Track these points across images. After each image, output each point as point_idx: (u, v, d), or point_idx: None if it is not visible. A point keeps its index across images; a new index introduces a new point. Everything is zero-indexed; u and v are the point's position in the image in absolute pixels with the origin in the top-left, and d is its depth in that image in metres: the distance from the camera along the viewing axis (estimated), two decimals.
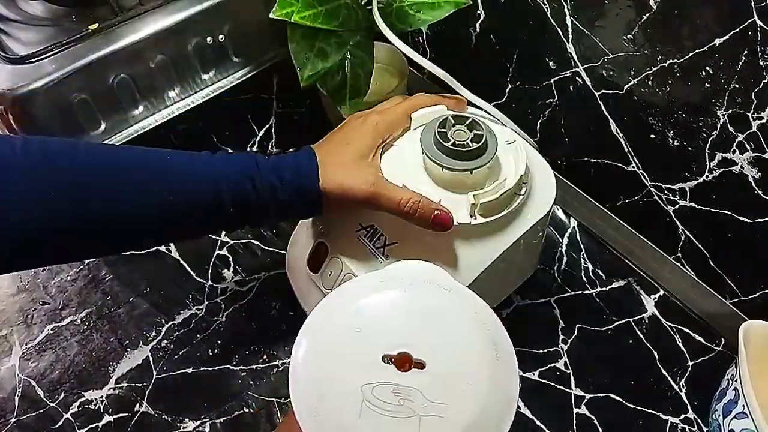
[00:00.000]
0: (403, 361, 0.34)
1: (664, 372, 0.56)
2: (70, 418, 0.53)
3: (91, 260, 0.63)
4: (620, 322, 0.59)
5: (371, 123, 0.47)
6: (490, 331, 0.36)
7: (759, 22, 0.43)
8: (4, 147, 0.37)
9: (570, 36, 0.56)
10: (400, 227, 0.46)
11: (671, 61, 0.50)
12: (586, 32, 0.55)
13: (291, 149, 0.74)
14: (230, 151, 0.73)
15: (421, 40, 0.74)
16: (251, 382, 0.55)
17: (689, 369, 0.56)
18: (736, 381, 0.47)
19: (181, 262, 0.63)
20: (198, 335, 0.58)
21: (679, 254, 0.59)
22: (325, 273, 0.51)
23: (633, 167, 0.58)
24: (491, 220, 0.46)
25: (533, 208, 0.49)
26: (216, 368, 0.56)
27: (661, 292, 0.62)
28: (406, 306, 0.37)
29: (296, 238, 0.56)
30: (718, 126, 0.50)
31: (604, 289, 0.62)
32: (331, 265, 0.50)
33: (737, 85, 0.47)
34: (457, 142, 0.45)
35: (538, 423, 0.53)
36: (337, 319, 0.36)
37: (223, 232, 0.65)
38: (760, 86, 0.45)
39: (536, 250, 0.58)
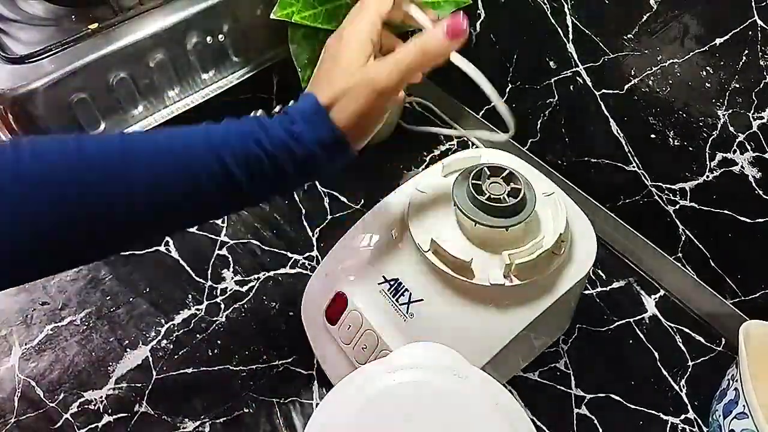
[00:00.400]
0: None
1: (665, 372, 0.56)
2: (70, 419, 0.53)
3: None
4: (620, 322, 0.59)
5: (347, 31, 0.41)
6: (511, 420, 0.35)
7: (759, 22, 0.43)
8: None
9: (570, 36, 0.56)
10: (426, 283, 0.44)
11: (671, 61, 0.50)
12: (586, 32, 0.55)
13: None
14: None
15: None
16: (251, 382, 0.55)
17: (689, 369, 0.56)
18: (736, 381, 0.47)
19: (181, 262, 0.63)
20: (198, 335, 0.58)
21: (680, 254, 0.59)
22: (343, 326, 0.48)
23: (633, 167, 0.58)
24: (526, 282, 0.43)
25: (572, 268, 0.46)
26: (216, 368, 0.56)
27: (662, 292, 0.62)
28: (419, 402, 0.35)
29: (313, 284, 0.54)
30: (719, 126, 0.50)
31: (604, 289, 0.62)
32: (351, 319, 0.47)
33: (738, 85, 0.47)
34: (492, 197, 0.42)
35: (538, 423, 0.53)
36: (343, 421, 0.35)
37: (223, 232, 0.65)
38: (761, 86, 0.45)
39: (571, 309, 0.55)
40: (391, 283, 0.46)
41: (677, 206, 0.57)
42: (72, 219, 0.35)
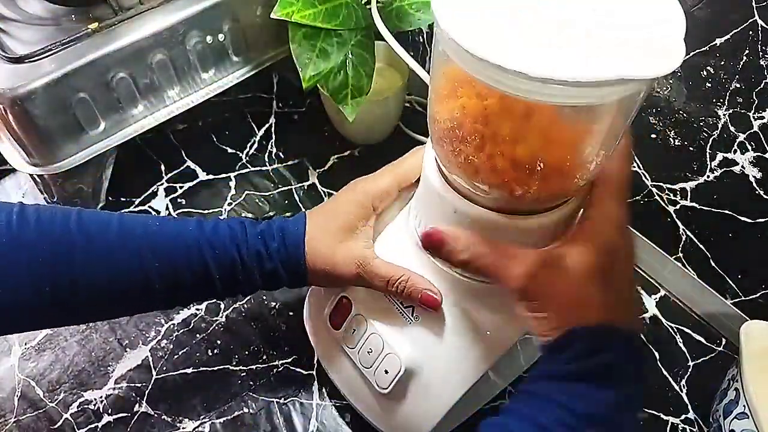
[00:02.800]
0: None
1: (665, 372, 0.56)
2: (70, 419, 0.53)
3: None
4: None
5: (360, 191, 0.45)
6: None
7: (760, 22, 0.43)
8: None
9: None
10: (434, 285, 0.44)
11: None
12: None
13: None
14: (229, 151, 0.73)
15: (421, 39, 0.74)
16: (251, 382, 0.55)
17: (690, 369, 0.56)
18: (737, 381, 0.47)
19: None
20: (198, 335, 0.58)
21: (680, 254, 0.59)
22: (347, 330, 0.47)
23: (634, 167, 0.58)
24: None
25: None
26: (216, 368, 0.56)
27: (662, 292, 0.62)
28: None
29: (314, 289, 0.53)
30: (719, 126, 0.50)
31: None
32: (355, 323, 0.47)
33: (738, 85, 0.47)
34: None
35: None
36: None
37: None
38: (761, 86, 0.45)
39: None
40: None
41: (678, 206, 0.57)
42: (58, 282, 0.38)
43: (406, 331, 0.45)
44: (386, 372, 0.45)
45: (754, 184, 0.50)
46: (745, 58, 0.45)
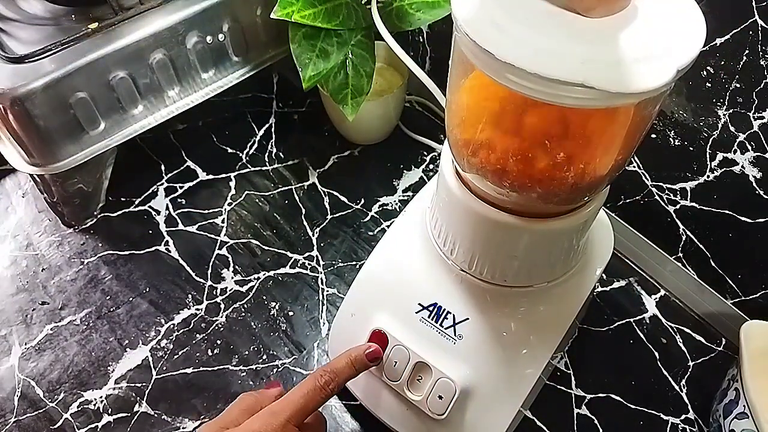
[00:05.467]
0: None
1: (665, 372, 0.56)
2: (70, 419, 0.53)
3: (91, 260, 0.63)
4: (620, 322, 0.59)
5: None
6: None
7: (760, 22, 0.43)
8: None
9: None
10: (467, 301, 0.43)
11: None
12: None
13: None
14: (230, 151, 0.73)
15: (421, 39, 0.74)
16: (251, 382, 0.55)
17: (690, 369, 0.56)
18: (736, 381, 0.47)
19: (181, 262, 0.63)
20: (198, 335, 0.58)
21: (680, 254, 0.59)
22: (389, 363, 0.45)
23: (634, 167, 0.58)
24: (566, 277, 0.44)
25: (594, 256, 0.47)
26: (216, 368, 0.56)
27: (662, 292, 0.62)
28: None
29: (339, 327, 0.51)
30: (719, 126, 0.50)
31: (604, 289, 0.62)
32: (395, 355, 0.45)
33: (738, 85, 0.47)
34: None
35: (538, 423, 0.53)
36: None
37: (223, 232, 0.65)
38: (761, 86, 0.45)
39: (587, 304, 0.53)
40: (430, 309, 0.45)
41: (677, 206, 0.57)
42: None
43: (453, 352, 0.44)
44: (440, 398, 0.43)
45: (754, 184, 0.50)
46: (745, 58, 0.45)
